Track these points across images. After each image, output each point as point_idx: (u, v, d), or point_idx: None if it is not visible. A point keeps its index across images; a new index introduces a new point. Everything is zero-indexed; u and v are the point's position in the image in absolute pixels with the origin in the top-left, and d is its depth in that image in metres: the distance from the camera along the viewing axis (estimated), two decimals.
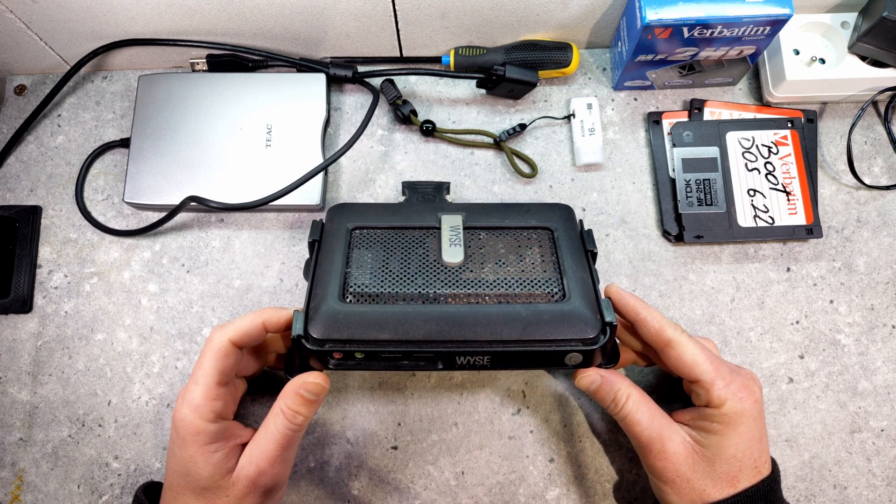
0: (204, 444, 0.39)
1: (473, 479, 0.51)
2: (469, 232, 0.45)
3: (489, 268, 0.43)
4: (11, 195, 0.59)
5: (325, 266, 0.43)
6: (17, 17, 0.55)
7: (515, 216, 0.47)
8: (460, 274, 0.43)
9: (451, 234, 0.44)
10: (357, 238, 0.45)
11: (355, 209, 0.48)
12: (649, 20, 0.50)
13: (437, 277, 0.42)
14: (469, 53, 0.59)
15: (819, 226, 0.55)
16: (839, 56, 0.57)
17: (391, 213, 0.47)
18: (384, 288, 0.42)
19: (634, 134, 0.60)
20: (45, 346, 0.55)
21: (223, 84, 0.58)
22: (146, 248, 0.57)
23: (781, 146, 0.57)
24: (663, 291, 0.55)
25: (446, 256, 0.43)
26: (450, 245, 0.43)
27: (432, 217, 0.46)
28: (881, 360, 0.54)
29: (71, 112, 0.61)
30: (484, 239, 0.45)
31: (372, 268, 0.43)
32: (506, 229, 0.46)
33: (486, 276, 0.42)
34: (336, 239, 0.44)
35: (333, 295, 0.41)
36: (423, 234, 0.45)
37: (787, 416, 0.53)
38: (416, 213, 0.47)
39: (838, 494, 0.51)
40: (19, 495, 0.52)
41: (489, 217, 0.47)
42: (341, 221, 0.46)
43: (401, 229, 0.46)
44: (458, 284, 0.42)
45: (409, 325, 0.39)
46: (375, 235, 0.45)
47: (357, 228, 0.46)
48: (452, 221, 0.45)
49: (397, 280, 0.42)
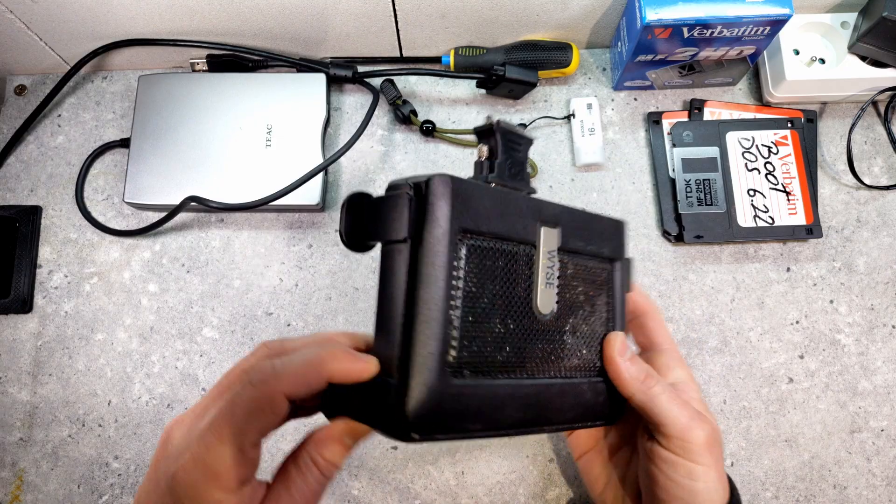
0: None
1: (473, 479, 0.51)
2: (561, 259, 0.35)
3: (570, 324, 0.35)
4: (12, 195, 0.59)
5: (424, 301, 0.29)
6: (17, 17, 0.55)
7: (594, 236, 0.37)
8: (546, 329, 0.34)
9: (548, 266, 0.34)
10: (468, 254, 0.31)
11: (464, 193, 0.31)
12: (649, 20, 0.50)
13: (527, 334, 0.33)
14: (469, 53, 0.59)
15: (819, 226, 0.55)
16: (839, 56, 0.57)
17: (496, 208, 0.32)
18: (483, 352, 0.31)
19: (634, 134, 0.60)
20: (45, 346, 0.55)
21: (223, 84, 0.58)
22: (146, 249, 0.57)
23: (781, 146, 0.57)
24: (663, 291, 0.55)
25: (539, 304, 0.34)
26: (545, 285, 0.34)
27: (531, 225, 0.33)
28: (881, 360, 0.54)
29: (71, 112, 0.61)
30: (570, 276, 0.36)
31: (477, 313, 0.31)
32: (587, 258, 0.37)
33: (566, 337, 0.35)
34: (440, 252, 0.29)
35: (436, 361, 0.28)
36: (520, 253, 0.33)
37: (786, 416, 0.53)
38: (518, 213, 0.33)
39: (838, 494, 0.51)
40: (19, 495, 0.52)
41: (577, 234, 0.36)
42: (449, 217, 0.30)
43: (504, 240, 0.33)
44: (543, 346, 0.34)
45: (502, 415, 0.31)
46: (483, 251, 0.31)
47: (467, 234, 0.31)
48: (550, 242, 0.34)
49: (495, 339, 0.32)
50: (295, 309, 0.55)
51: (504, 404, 0.31)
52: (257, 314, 0.55)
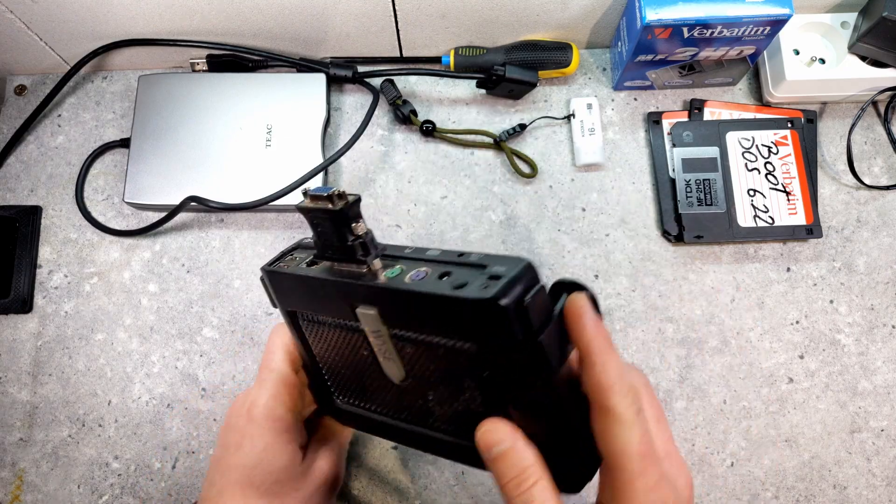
0: (282, 431, 0.36)
1: (473, 479, 0.51)
2: (395, 337, 0.31)
3: (431, 395, 0.33)
4: (12, 195, 0.59)
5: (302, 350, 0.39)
6: (17, 17, 0.55)
7: (433, 316, 0.29)
8: (408, 393, 0.34)
9: (378, 342, 0.32)
10: (305, 328, 0.38)
11: (279, 282, 0.36)
12: (649, 20, 0.50)
13: (388, 392, 0.35)
14: (469, 53, 0.59)
15: (819, 226, 0.55)
16: (839, 56, 0.57)
17: (309, 292, 0.35)
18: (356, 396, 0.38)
19: (634, 134, 0.60)
20: (45, 346, 0.55)
21: (223, 84, 0.58)
22: (146, 249, 0.57)
23: (781, 146, 0.57)
24: (663, 291, 0.55)
25: (387, 372, 0.33)
26: (384, 359, 0.33)
27: (345, 308, 0.32)
28: (881, 360, 0.54)
29: (71, 112, 0.61)
30: (412, 355, 0.32)
31: (337, 371, 0.38)
32: (431, 337, 0.30)
33: (431, 405, 0.33)
34: (288, 321, 0.38)
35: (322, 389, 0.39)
36: (353, 334, 0.34)
37: (786, 417, 0.53)
38: (333, 301, 0.33)
39: (838, 494, 0.51)
40: (19, 495, 0.52)
41: (407, 314, 0.30)
42: (277, 300, 0.38)
43: (337, 325, 0.35)
44: (412, 406, 0.34)
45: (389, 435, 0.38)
46: (315, 326, 0.36)
47: (294, 314, 0.37)
48: (371, 323, 0.31)
49: (359, 388, 0.37)
50: None
51: (387, 429, 0.37)
52: (257, 314, 0.55)
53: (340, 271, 0.32)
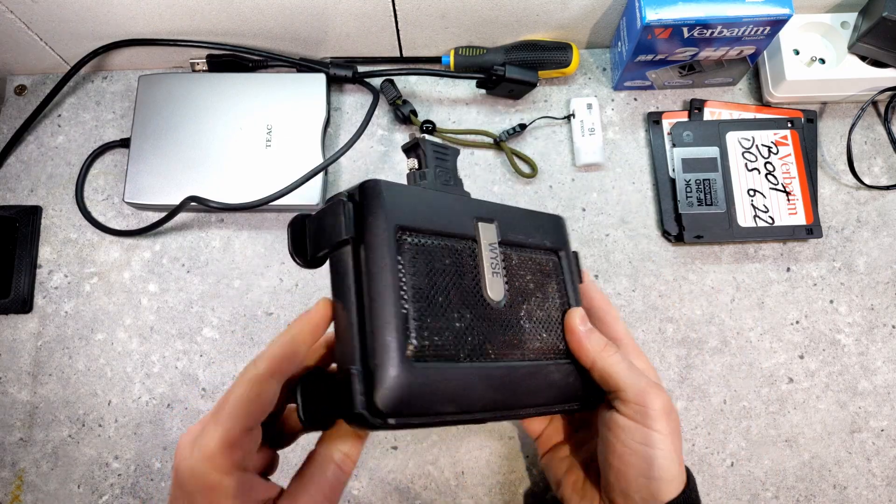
0: (221, 501, 0.29)
1: (473, 480, 0.51)
2: (503, 252, 0.37)
3: (524, 310, 0.37)
4: (12, 195, 0.59)
5: (376, 292, 0.31)
6: (17, 17, 0.55)
7: (533, 229, 0.40)
8: (502, 316, 0.36)
9: (491, 257, 0.36)
10: (409, 250, 0.33)
11: (395, 194, 0.33)
12: (649, 20, 0.50)
13: (483, 319, 0.35)
14: (469, 53, 0.59)
15: (819, 226, 0.55)
16: (839, 56, 0.57)
17: (430, 208, 0.35)
18: (443, 339, 0.32)
19: (634, 134, 0.60)
20: (45, 347, 0.55)
21: (223, 84, 0.58)
22: (146, 249, 0.57)
23: (781, 146, 0.57)
24: (663, 291, 0.55)
25: (490, 292, 0.35)
26: (492, 275, 0.36)
27: (468, 221, 0.36)
28: (881, 360, 0.54)
29: (71, 112, 0.61)
30: (516, 266, 0.38)
31: (429, 303, 0.33)
32: (530, 250, 0.39)
33: (522, 322, 0.37)
34: (383, 246, 0.32)
35: (398, 352, 0.30)
36: (462, 248, 0.35)
37: (786, 417, 0.53)
38: (453, 211, 0.36)
39: (838, 494, 0.51)
40: (19, 495, 0.52)
41: (515, 228, 0.38)
42: (385, 215, 0.32)
43: (443, 237, 0.35)
44: (503, 331, 0.36)
45: (473, 397, 0.33)
46: (423, 247, 0.34)
47: (404, 231, 0.33)
48: (489, 235, 0.37)
49: (452, 325, 0.33)
50: (295, 309, 0.55)
51: (473, 387, 0.32)
52: (257, 314, 0.55)
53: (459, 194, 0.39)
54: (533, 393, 0.36)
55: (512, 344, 0.36)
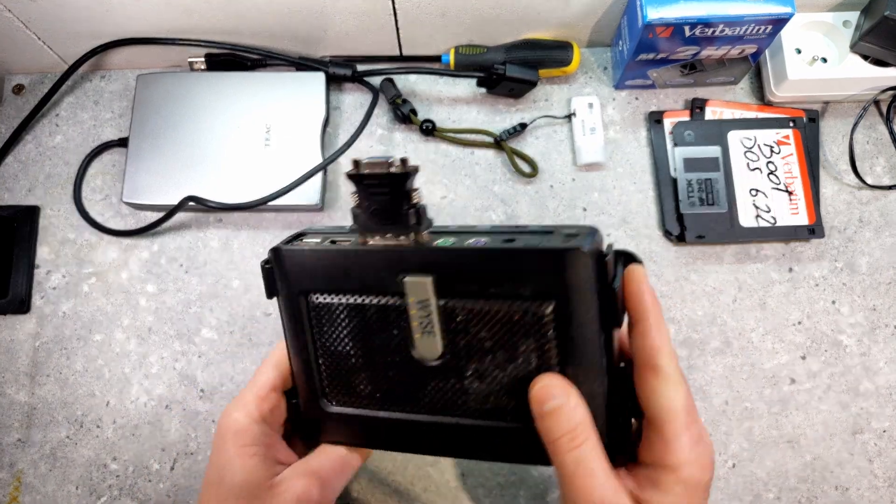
0: (243, 444, 0.35)
1: (474, 482, 0.51)
2: (444, 307, 0.31)
3: (472, 369, 0.32)
4: (9, 195, 0.58)
5: (294, 347, 0.35)
6: (15, 16, 0.55)
7: (504, 275, 0.30)
8: (438, 374, 0.33)
9: (421, 315, 0.31)
10: (316, 310, 0.34)
11: (298, 260, 0.33)
12: (650, 19, 0.50)
13: (410, 377, 0.33)
14: (469, 52, 0.59)
15: (821, 226, 0.55)
16: (841, 55, 0.57)
17: (343, 267, 0.33)
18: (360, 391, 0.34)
19: (636, 133, 0.59)
20: (43, 347, 0.55)
21: (222, 83, 0.58)
22: (144, 249, 0.57)
23: (783, 146, 0.57)
24: (665, 292, 0.55)
25: (420, 350, 0.32)
26: (422, 334, 0.32)
27: (391, 279, 0.31)
28: (883, 360, 0.54)
29: (69, 111, 0.61)
30: (462, 322, 0.31)
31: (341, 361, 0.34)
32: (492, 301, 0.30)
33: (468, 382, 0.32)
34: (293, 306, 0.34)
35: (309, 391, 0.35)
36: (388, 304, 0.32)
37: (788, 417, 0.52)
38: (373, 272, 0.32)
39: (840, 496, 0.51)
40: (17, 496, 0.52)
41: (471, 277, 0.30)
42: (288, 281, 0.34)
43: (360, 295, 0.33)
44: (438, 390, 0.33)
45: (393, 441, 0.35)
46: (333, 307, 0.33)
47: (310, 293, 0.34)
48: (419, 292, 0.31)
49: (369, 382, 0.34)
50: None
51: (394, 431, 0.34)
52: (256, 315, 0.55)
53: (380, 246, 0.32)
54: (476, 448, 0.33)
55: (453, 405, 0.33)
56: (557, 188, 0.58)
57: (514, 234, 0.30)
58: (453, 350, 0.32)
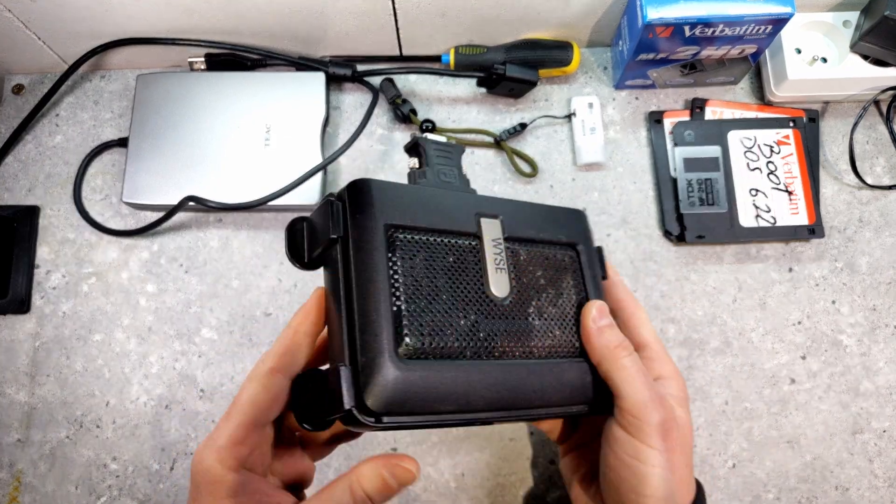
0: (221, 497, 0.30)
1: (474, 481, 0.51)
2: (509, 248, 0.36)
3: (533, 306, 0.36)
4: (9, 195, 0.58)
5: (365, 289, 0.30)
6: (15, 16, 0.55)
7: (545, 224, 0.38)
8: (508, 312, 0.35)
9: (495, 252, 0.35)
10: (401, 246, 0.32)
11: (386, 192, 0.33)
12: (650, 19, 0.50)
13: (487, 316, 0.34)
14: (469, 52, 0.59)
15: (821, 226, 0.55)
16: (841, 55, 0.57)
17: (427, 205, 0.35)
18: (441, 337, 0.32)
19: (636, 133, 0.59)
20: (42, 347, 0.55)
21: (222, 83, 0.58)
22: (144, 249, 0.57)
23: (783, 145, 0.57)
24: (665, 292, 0.55)
25: (493, 288, 0.34)
26: (496, 270, 0.35)
27: (470, 218, 0.35)
28: (883, 360, 0.54)
29: (69, 111, 0.61)
30: (524, 262, 0.36)
31: (425, 300, 0.32)
32: (541, 245, 0.38)
33: (531, 318, 0.35)
34: (371, 243, 0.31)
35: (388, 347, 0.29)
36: (464, 245, 0.35)
37: (788, 417, 0.52)
38: (453, 208, 0.35)
39: (840, 496, 0.51)
40: (17, 496, 0.52)
41: (524, 224, 0.37)
42: (373, 213, 0.32)
43: (441, 234, 0.34)
44: (508, 328, 0.34)
45: (473, 396, 0.31)
46: (418, 243, 0.33)
47: (396, 229, 0.33)
48: (493, 231, 0.35)
49: (452, 322, 0.32)
50: (294, 309, 0.55)
51: (474, 386, 0.31)
52: (256, 314, 0.55)
53: None
54: (541, 393, 0.34)
55: (520, 341, 0.34)
56: (557, 188, 0.58)
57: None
58: (518, 287, 0.36)
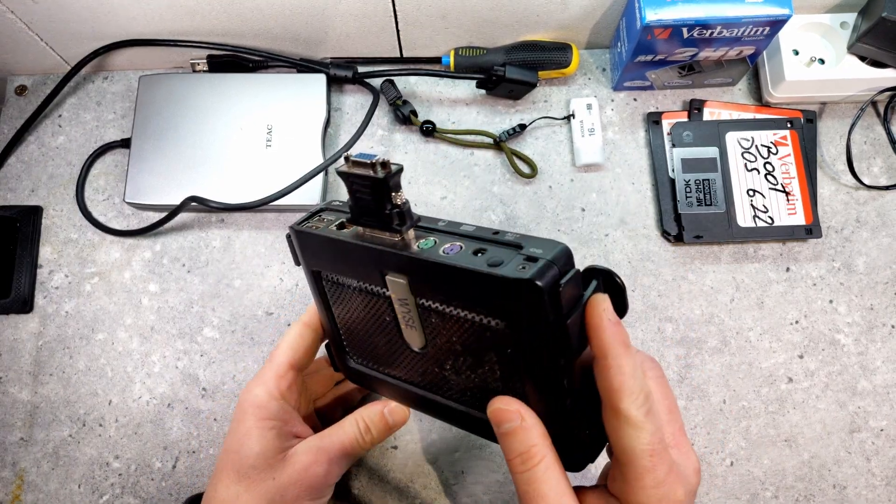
0: (262, 418, 0.39)
1: (473, 479, 0.51)
2: (420, 307, 0.32)
3: (449, 365, 0.34)
4: (12, 195, 0.59)
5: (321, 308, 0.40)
6: (17, 17, 0.55)
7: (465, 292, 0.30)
8: (427, 360, 0.35)
9: (403, 310, 0.33)
10: (328, 289, 0.38)
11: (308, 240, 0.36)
12: (649, 21, 0.50)
13: (405, 357, 0.36)
14: (469, 54, 0.59)
15: (818, 226, 0.55)
16: (838, 56, 0.57)
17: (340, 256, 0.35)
18: (371, 356, 0.39)
19: (634, 134, 0.60)
20: (45, 346, 0.55)
21: (224, 84, 0.58)
22: (147, 248, 0.57)
23: (781, 146, 0.57)
24: (662, 291, 0.56)
25: (408, 339, 0.35)
26: (406, 326, 0.34)
27: (375, 274, 0.33)
28: (880, 359, 0.54)
29: (72, 112, 0.61)
30: (436, 324, 0.32)
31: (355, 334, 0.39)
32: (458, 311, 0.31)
33: (448, 374, 0.34)
34: (309, 278, 0.39)
35: (337, 345, 0.41)
36: (379, 298, 0.34)
37: (786, 416, 0.53)
38: (362, 265, 0.34)
39: (837, 494, 0.51)
40: (20, 495, 0.52)
41: (436, 287, 0.31)
42: (303, 258, 0.38)
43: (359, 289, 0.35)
44: (428, 374, 0.36)
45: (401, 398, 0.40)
46: (339, 287, 0.37)
47: (319, 273, 0.38)
48: (399, 291, 0.32)
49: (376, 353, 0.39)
50: (295, 309, 0.55)
51: (399, 394, 0.39)
52: (258, 314, 0.55)
53: (373, 237, 0.32)
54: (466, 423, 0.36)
55: (439, 387, 0.36)
56: (556, 189, 0.58)
57: (488, 243, 0.30)
58: (433, 344, 0.33)
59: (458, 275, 0.29)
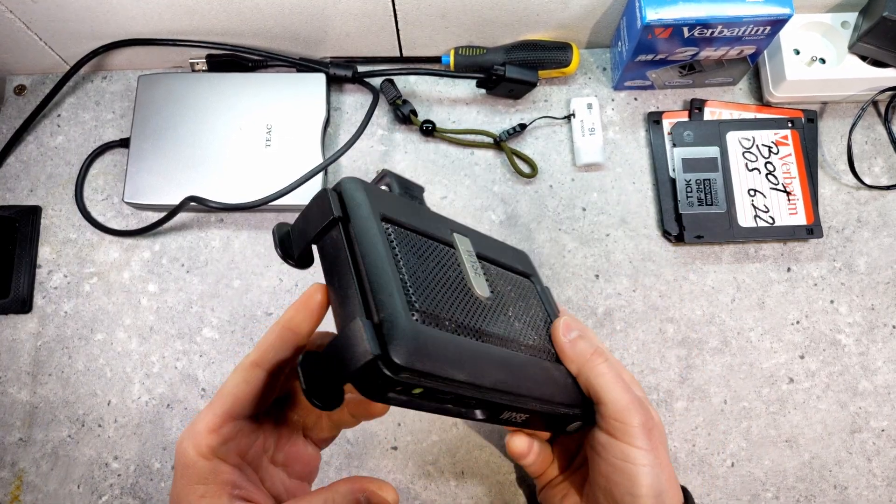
0: (190, 482, 0.31)
1: (473, 479, 0.51)
2: (481, 262, 0.39)
3: (511, 311, 0.37)
4: (11, 195, 0.59)
5: (372, 258, 0.30)
6: (16, 17, 0.55)
7: (503, 254, 0.43)
8: (492, 311, 0.35)
9: (471, 261, 0.37)
10: (393, 234, 0.33)
11: (375, 192, 0.34)
12: (649, 20, 0.50)
13: (475, 310, 0.34)
14: (469, 53, 0.59)
15: (819, 226, 0.55)
16: (839, 56, 0.57)
17: (408, 209, 0.36)
18: (444, 310, 0.32)
19: (635, 134, 0.59)
20: (44, 346, 0.55)
21: (223, 84, 0.58)
22: (146, 249, 0.57)
23: (782, 146, 0.57)
24: (663, 291, 0.55)
25: (476, 288, 0.35)
26: (475, 274, 0.36)
27: (445, 230, 0.38)
28: (882, 360, 0.54)
29: (71, 112, 0.61)
30: (495, 276, 0.39)
31: (422, 278, 0.32)
32: (505, 268, 0.42)
33: (511, 321, 0.37)
34: (371, 220, 0.32)
35: (403, 306, 0.28)
36: (444, 250, 0.36)
37: (787, 417, 0.53)
38: (430, 219, 0.37)
39: (838, 495, 0.51)
40: (19, 495, 0.52)
41: (487, 248, 0.41)
42: (367, 203, 0.33)
43: (424, 236, 0.35)
44: (496, 322, 0.35)
45: (483, 368, 0.31)
46: (406, 237, 0.34)
47: (387, 220, 0.33)
48: (465, 244, 0.38)
49: (448, 304, 0.32)
50: None
51: (481, 358, 0.31)
52: (257, 314, 0.55)
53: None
54: (537, 383, 0.34)
55: (506, 336, 0.35)
56: (557, 188, 0.58)
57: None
58: (496, 292, 0.38)
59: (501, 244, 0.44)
